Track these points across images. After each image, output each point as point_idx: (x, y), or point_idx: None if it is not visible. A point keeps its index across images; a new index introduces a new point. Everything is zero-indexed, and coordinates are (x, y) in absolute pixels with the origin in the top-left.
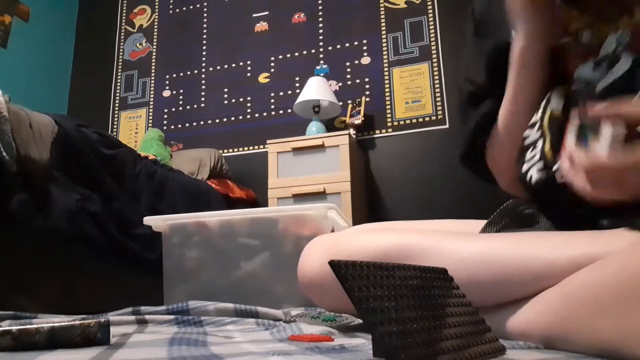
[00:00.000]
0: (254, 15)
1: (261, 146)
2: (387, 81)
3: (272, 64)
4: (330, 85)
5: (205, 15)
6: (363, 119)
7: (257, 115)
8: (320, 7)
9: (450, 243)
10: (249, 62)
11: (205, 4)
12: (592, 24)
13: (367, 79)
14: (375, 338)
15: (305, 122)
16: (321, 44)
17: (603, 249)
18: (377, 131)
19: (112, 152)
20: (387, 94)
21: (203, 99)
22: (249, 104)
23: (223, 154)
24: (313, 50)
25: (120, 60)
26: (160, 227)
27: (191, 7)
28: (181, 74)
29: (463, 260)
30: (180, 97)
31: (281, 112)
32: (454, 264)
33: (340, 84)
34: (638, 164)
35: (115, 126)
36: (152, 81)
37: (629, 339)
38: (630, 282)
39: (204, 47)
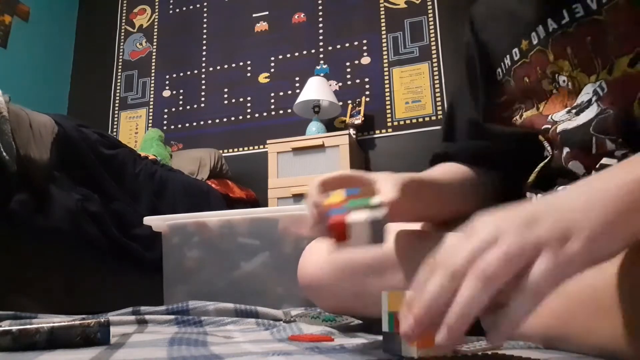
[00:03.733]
0: (254, 15)
1: (261, 146)
2: (387, 81)
3: (272, 64)
4: (330, 85)
5: (205, 15)
6: (363, 119)
7: (257, 115)
8: (320, 7)
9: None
10: (249, 62)
11: (205, 4)
12: (569, 71)
13: (367, 79)
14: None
15: (305, 122)
16: (321, 44)
17: None
18: (377, 131)
19: (112, 152)
20: (387, 94)
21: (203, 99)
22: (249, 104)
23: (223, 154)
24: (313, 50)
25: (120, 60)
26: (160, 227)
27: (191, 7)
28: (181, 74)
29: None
30: (180, 97)
31: (281, 112)
32: None
33: (340, 84)
34: None
35: (115, 126)
36: (152, 81)
37: (627, 339)
38: (629, 283)
39: (204, 47)
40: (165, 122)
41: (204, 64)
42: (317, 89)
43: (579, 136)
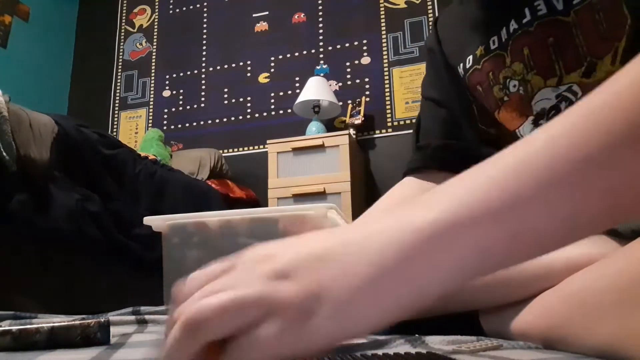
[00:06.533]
0: (254, 15)
1: (261, 146)
2: (387, 81)
3: (272, 64)
4: (330, 85)
5: (205, 15)
6: (363, 119)
7: (257, 115)
8: (320, 7)
9: None
10: (249, 62)
11: (205, 4)
12: (522, 75)
13: (367, 79)
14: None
15: (305, 122)
16: (321, 44)
17: (602, 250)
18: (377, 131)
19: (112, 152)
20: (387, 94)
21: (203, 99)
22: (249, 104)
23: (223, 154)
24: (313, 50)
25: (120, 60)
26: (160, 227)
27: (191, 7)
28: (181, 74)
29: None
30: (180, 97)
31: (281, 112)
32: None
33: (340, 84)
34: None
35: (115, 126)
36: (152, 81)
37: (627, 341)
38: (629, 285)
39: (204, 47)
40: (165, 122)
41: (204, 64)
42: (317, 89)
43: None
